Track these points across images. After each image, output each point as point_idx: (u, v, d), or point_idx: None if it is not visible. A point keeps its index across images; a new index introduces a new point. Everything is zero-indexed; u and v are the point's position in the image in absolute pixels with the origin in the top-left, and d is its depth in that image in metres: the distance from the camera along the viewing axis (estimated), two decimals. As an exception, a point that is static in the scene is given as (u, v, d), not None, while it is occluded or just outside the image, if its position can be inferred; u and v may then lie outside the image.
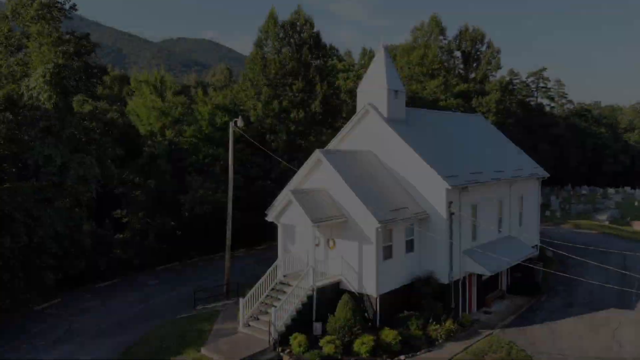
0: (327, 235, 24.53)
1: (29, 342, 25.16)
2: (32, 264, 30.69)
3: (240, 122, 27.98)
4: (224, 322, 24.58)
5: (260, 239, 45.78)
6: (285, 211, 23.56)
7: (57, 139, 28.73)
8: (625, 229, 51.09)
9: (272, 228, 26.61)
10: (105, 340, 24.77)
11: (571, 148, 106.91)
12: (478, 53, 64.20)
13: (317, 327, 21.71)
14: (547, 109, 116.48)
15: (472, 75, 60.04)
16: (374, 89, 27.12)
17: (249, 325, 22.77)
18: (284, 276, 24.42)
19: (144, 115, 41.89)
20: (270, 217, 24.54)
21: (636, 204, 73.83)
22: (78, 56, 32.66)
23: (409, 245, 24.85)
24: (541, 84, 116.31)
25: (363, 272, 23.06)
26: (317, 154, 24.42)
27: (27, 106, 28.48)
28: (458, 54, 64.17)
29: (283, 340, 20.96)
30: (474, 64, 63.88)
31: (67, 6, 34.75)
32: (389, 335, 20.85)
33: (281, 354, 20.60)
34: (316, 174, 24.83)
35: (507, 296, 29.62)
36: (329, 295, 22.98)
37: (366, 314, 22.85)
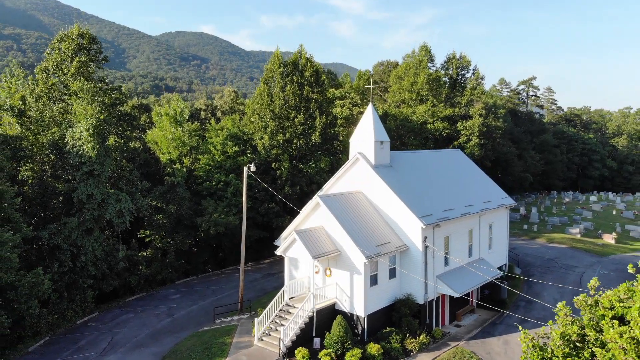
0: (324, 264, 30.04)
1: (80, 353, 30.72)
2: (76, 285, 36.32)
3: (252, 168, 33.44)
4: (241, 336, 30.15)
5: (266, 253, 51.46)
6: (291, 247, 29.08)
7: (97, 180, 34.19)
8: (596, 241, 56.40)
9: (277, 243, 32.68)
10: (143, 351, 30.31)
11: (559, 154, 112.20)
12: (464, 79, 69.56)
13: (317, 342, 27.32)
14: (537, 116, 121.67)
15: (458, 99, 65.30)
16: (364, 140, 32.55)
17: (262, 340, 28.38)
18: (290, 298, 30.00)
19: (164, 145, 47.26)
20: (278, 251, 30.01)
21: (614, 212, 79.20)
22: (113, 107, 38.06)
23: (392, 273, 30.36)
24: (531, 92, 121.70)
25: (354, 296, 28.59)
26: (316, 198, 29.86)
27: (72, 153, 33.91)
28: (445, 78, 69.47)
29: (290, 353, 26.53)
30: (460, 89, 69.17)
31: (99, 57, 40.19)
32: (373, 348, 26.38)
33: (288, 364, 26.21)
34: (316, 213, 30.29)
35: (476, 310, 35.17)
36: (326, 315, 28.58)
37: (356, 330, 28.40)
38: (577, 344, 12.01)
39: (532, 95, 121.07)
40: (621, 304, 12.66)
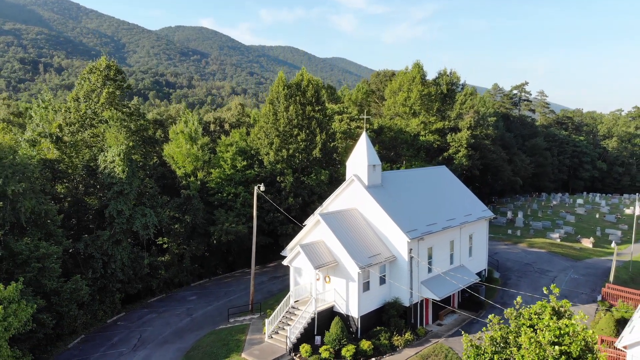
0: (324, 273, 35.07)
1: (115, 348, 35.77)
2: (106, 289, 41.39)
3: (262, 187, 38.45)
4: (253, 334, 35.27)
5: (271, 257, 56.51)
6: (296, 258, 34.14)
7: (126, 198, 39.20)
8: (574, 245, 61.11)
9: (280, 248, 37.66)
10: (169, 347, 35.37)
11: (550, 156, 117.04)
12: (453, 94, 74.42)
13: (318, 339, 32.44)
14: (529, 119, 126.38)
15: (449, 112, 70.19)
16: (358, 163, 37.49)
17: (272, 337, 33.51)
18: (295, 302, 35.10)
19: (180, 160, 52.26)
20: (285, 262, 35.06)
21: (597, 215, 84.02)
22: (137, 133, 43.01)
23: (382, 279, 35.39)
24: (524, 97, 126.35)
25: (349, 300, 33.65)
26: (316, 216, 34.86)
27: (104, 174, 38.90)
28: (437, 92, 74.38)
29: (295, 348, 31.66)
30: (451, 103, 74.04)
31: (124, 85, 45.13)
32: (365, 344, 31.46)
33: (294, 358, 31.32)
34: (317, 228, 35.28)
35: (457, 311, 40.21)
36: (326, 316, 33.68)
37: (351, 329, 33.49)
38: (501, 344, 17.02)
39: (525, 100, 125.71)
40: (536, 316, 17.71)
